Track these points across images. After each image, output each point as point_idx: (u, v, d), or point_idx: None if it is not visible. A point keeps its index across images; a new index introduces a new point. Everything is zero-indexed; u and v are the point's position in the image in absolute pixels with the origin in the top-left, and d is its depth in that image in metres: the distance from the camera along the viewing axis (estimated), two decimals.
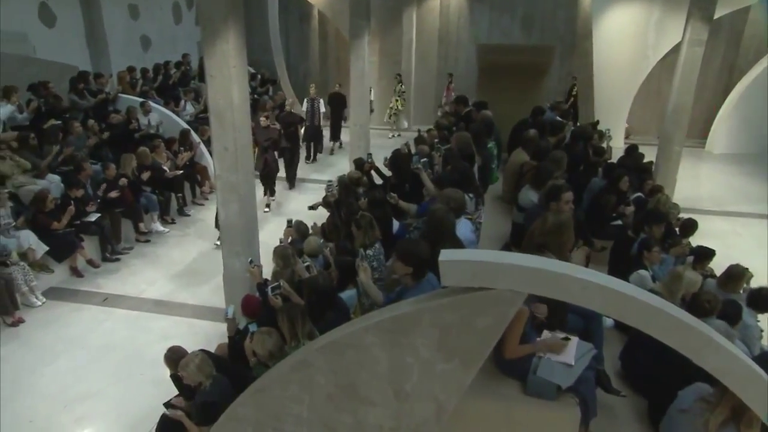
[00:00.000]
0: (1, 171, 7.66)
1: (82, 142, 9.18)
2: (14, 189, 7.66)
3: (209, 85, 5.65)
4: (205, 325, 6.73)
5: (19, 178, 7.88)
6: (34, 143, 8.42)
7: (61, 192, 8.04)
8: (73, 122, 9.26)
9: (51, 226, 7.36)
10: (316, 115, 13.11)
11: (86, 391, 5.58)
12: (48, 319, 6.80)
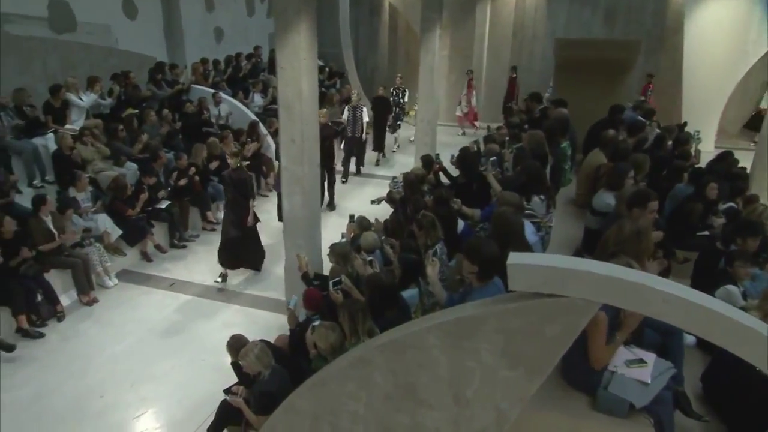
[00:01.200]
0: (84, 156, 8.16)
1: (155, 131, 9.66)
2: (94, 174, 8.16)
3: (279, 76, 5.79)
4: (265, 315, 6.93)
5: (99, 164, 8.39)
6: (122, 134, 8.95)
7: (135, 179, 8.49)
8: (149, 111, 9.76)
9: (126, 212, 7.79)
10: (358, 125, 11.72)
11: (151, 373, 5.89)
12: (119, 300, 7.21)
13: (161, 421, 5.26)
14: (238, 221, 7.29)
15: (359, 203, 9.69)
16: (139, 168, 8.72)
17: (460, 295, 3.67)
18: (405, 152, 13.93)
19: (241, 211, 7.32)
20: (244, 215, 7.32)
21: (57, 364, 5.98)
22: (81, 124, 8.83)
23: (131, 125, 9.28)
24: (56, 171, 8.07)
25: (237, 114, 11.41)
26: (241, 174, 7.36)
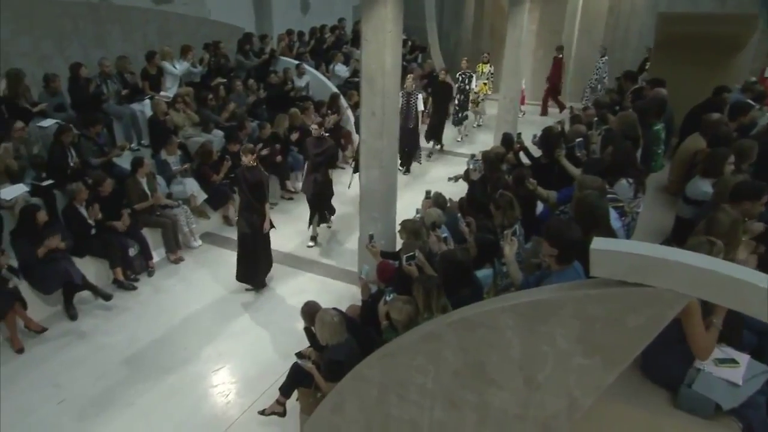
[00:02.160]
0: (176, 122, 8.58)
1: (242, 100, 9.97)
2: (184, 140, 8.56)
3: (363, 49, 5.79)
4: (338, 285, 7.08)
5: (189, 130, 8.79)
6: (212, 103, 9.32)
7: (221, 146, 8.83)
8: (236, 81, 10.08)
9: (211, 178, 8.14)
10: (411, 114, 10.28)
11: (230, 331, 6.22)
12: (203, 260, 7.60)
13: (236, 377, 5.53)
14: (253, 228, 6.52)
15: (437, 180, 9.62)
16: (224, 135, 9.07)
17: (536, 278, 3.58)
18: (485, 131, 13.64)
19: (256, 217, 6.51)
20: (260, 222, 6.53)
21: (147, 314, 6.44)
22: (174, 92, 9.27)
23: (220, 94, 9.63)
24: (151, 135, 8.52)
25: (318, 86, 11.57)
26: (257, 174, 6.44)
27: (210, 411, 5.13)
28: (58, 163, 6.99)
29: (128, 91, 8.87)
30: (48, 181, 6.80)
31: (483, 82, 13.56)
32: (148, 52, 9.42)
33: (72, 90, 8.20)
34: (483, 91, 13.65)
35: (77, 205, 6.52)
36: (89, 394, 5.27)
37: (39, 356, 5.75)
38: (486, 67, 13.70)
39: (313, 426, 4.30)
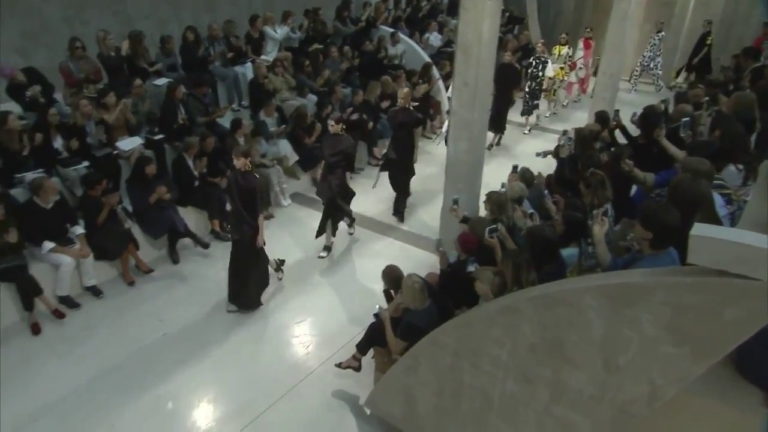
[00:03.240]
0: (274, 85, 8.80)
1: (336, 67, 10.04)
2: (280, 102, 8.76)
3: (461, 17, 5.61)
4: (417, 252, 7.09)
5: (285, 93, 8.99)
6: (308, 68, 9.46)
7: (314, 110, 8.97)
8: (331, 47, 10.15)
9: (303, 140, 8.32)
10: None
11: (312, 286, 6.43)
12: (291, 219, 7.85)
13: (316, 331, 5.72)
14: (244, 241, 5.61)
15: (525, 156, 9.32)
16: (317, 100, 9.20)
17: (625, 261, 3.40)
18: (580, 107, 12.96)
19: (247, 229, 5.54)
20: (252, 234, 5.58)
21: None
22: (274, 56, 9.48)
23: (316, 60, 9.74)
24: (251, 97, 8.79)
25: (411, 55, 11.42)
26: (251, 180, 5.50)
27: (291, 358, 5.36)
28: (169, 119, 7.40)
29: (233, 54, 9.17)
30: (159, 136, 7.24)
31: (560, 66, 11.78)
32: (252, 17, 9.68)
33: (184, 51, 8.60)
34: (559, 76, 11.88)
35: (186, 158, 6.89)
36: (188, 331, 5.65)
37: (146, 293, 6.22)
38: (563, 49, 11.76)
39: (385, 384, 4.40)
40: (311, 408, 4.78)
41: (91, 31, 8.15)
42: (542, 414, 3.36)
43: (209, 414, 4.74)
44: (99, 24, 8.62)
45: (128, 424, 4.62)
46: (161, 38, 8.51)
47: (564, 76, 12.04)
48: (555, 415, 3.30)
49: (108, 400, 4.82)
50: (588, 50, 12.69)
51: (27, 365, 5.22)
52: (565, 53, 11.80)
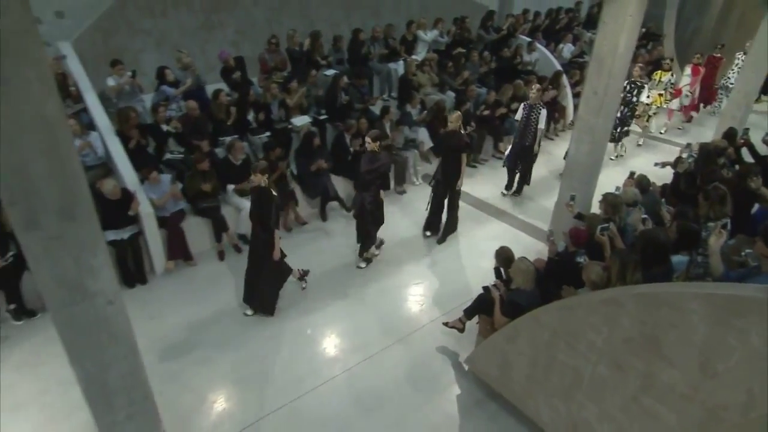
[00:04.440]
0: (420, 81, 8.87)
1: (475, 69, 9.86)
2: (423, 96, 8.82)
3: (600, 30, 5.23)
4: (526, 238, 6.86)
5: (429, 89, 9.02)
6: (450, 69, 9.39)
7: (452, 105, 8.92)
8: (473, 52, 9.96)
9: (439, 129, 8.32)
10: (529, 131, 7.34)
11: (431, 256, 6.49)
12: (420, 196, 7.89)
13: (431, 292, 5.80)
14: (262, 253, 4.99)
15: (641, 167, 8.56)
16: (455, 97, 9.13)
17: (739, 275, 3.05)
18: (703, 123, 11.51)
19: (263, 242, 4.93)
20: (268, 249, 4.94)
21: None
22: (423, 56, 9.53)
23: (458, 62, 9.64)
24: (399, 90, 8.96)
25: (544, 62, 10.86)
26: (264, 196, 4.75)
27: (407, 313, 5.50)
28: (332, 103, 7.79)
29: (388, 53, 9.37)
30: (324, 116, 7.66)
31: (659, 92, 9.83)
32: (408, 22, 9.78)
33: (350, 49, 8.95)
34: (657, 102, 9.92)
35: (346, 136, 7.22)
36: (328, 277, 5.98)
37: (299, 241, 6.66)
38: (665, 75, 9.79)
39: (486, 347, 4.38)
40: (417, 355, 4.91)
41: (284, 30, 8.77)
42: (629, 400, 3.16)
43: (336, 345, 5.05)
44: (290, 24, 9.24)
45: (277, 336, 5.08)
46: (334, 37, 8.92)
47: (663, 103, 10.05)
48: (642, 404, 3.08)
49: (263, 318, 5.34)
50: (695, 77, 10.64)
51: (215, 281, 5.91)
52: (667, 80, 9.84)
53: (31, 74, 2.24)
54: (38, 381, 4.54)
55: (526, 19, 11.76)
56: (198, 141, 6.44)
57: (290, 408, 4.32)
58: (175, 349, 4.89)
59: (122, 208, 5.44)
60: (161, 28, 8.84)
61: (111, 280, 2.81)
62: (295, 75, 7.90)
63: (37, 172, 2.37)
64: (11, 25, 2.11)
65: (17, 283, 5.16)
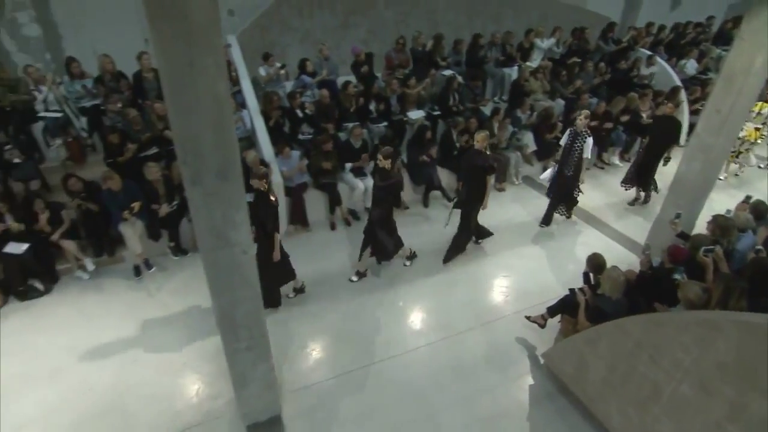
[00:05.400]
0: (531, 88, 8.46)
1: (588, 79, 9.16)
2: (533, 102, 8.38)
3: (735, 47, 4.57)
4: (619, 249, 6.32)
5: (539, 95, 8.57)
6: (563, 78, 8.83)
7: (560, 113, 8.41)
8: (588, 62, 9.24)
9: (544, 134, 7.91)
10: (570, 159, 6.10)
11: (523, 251, 6.22)
12: (517, 195, 7.65)
13: (517, 286, 5.60)
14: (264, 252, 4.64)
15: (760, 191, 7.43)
16: (565, 104, 8.58)
17: None
18: None
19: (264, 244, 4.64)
20: (269, 250, 4.65)
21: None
22: (537, 63, 9.06)
23: (572, 71, 9.02)
24: (510, 94, 8.62)
25: (663, 76, 9.74)
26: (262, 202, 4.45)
27: (492, 301, 5.38)
28: (445, 101, 7.73)
29: (504, 58, 9.03)
30: (436, 112, 7.64)
31: (756, 126, 8.03)
32: (527, 30, 9.32)
33: (469, 52, 8.77)
34: (752, 137, 8.08)
35: (453, 131, 7.16)
36: (422, 259, 6.00)
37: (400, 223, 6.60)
38: (766, 107, 8.05)
39: (565, 345, 4.16)
40: (497, 342, 4.80)
41: (410, 31, 8.84)
42: (713, 425, 2.83)
43: (423, 320, 5.10)
44: (417, 27, 9.29)
45: (372, 303, 5.25)
46: (455, 41, 8.79)
47: (759, 137, 8.12)
48: (727, 430, 2.74)
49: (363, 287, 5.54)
50: None
51: (326, 247, 6.24)
52: (767, 112, 8.07)
53: (210, 60, 2.49)
54: (185, 306, 5.17)
55: (649, 32, 10.63)
56: (325, 124, 6.79)
57: (375, 367, 4.47)
58: (285, 300, 5.26)
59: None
60: (307, 26, 9.36)
61: (247, 234, 3.07)
62: (415, 73, 7.95)
63: (205, 139, 2.63)
64: (201, 19, 2.36)
65: (177, 226, 5.89)
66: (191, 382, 4.31)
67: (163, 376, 4.36)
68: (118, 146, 5.87)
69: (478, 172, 5.32)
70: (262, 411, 3.92)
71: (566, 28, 9.58)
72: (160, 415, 4.00)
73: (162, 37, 2.33)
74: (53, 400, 4.12)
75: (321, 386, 4.27)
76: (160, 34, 2.33)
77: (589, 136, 5.99)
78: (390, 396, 4.19)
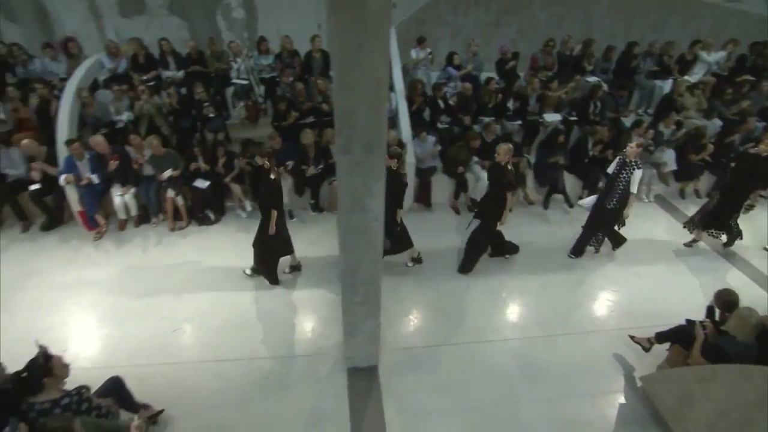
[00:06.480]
0: (684, 104, 7.39)
1: (761, 101, 7.67)
2: (682, 119, 7.31)
3: None
4: (758, 290, 5.35)
5: (692, 113, 7.45)
6: (728, 97, 7.54)
7: (715, 133, 7.22)
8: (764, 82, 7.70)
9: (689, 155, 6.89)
10: (615, 190, 5.09)
11: (634, 269, 5.60)
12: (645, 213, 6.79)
13: (625, 303, 5.07)
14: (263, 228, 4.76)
15: None
16: (722, 126, 7.31)
17: None
18: None
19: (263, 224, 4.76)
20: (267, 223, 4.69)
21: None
22: (698, 78, 7.84)
23: (740, 90, 7.63)
24: (658, 108, 7.62)
25: None
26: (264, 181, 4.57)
27: (595, 312, 4.96)
28: (584, 108, 7.11)
29: (659, 70, 7.97)
30: (574, 117, 7.10)
31: None
32: (693, 41, 8.06)
33: (620, 60, 7.93)
34: None
35: (589, 139, 6.61)
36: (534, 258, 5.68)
37: (520, 219, 6.38)
38: None
39: (670, 375, 3.71)
40: (594, 353, 4.44)
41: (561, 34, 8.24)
42: None
43: (523, 314, 4.91)
44: (569, 31, 8.65)
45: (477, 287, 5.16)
46: (607, 47, 7.99)
47: None
48: None
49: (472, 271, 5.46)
50: None
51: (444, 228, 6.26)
52: None
53: (377, 45, 2.60)
54: (316, 256, 5.59)
55: None
56: (463, 116, 6.75)
57: (468, 347, 4.46)
58: (398, 269, 5.45)
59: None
60: (460, 22, 9.28)
61: (380, 203, 3.19)
62: (559, 76, 7.44)
63: (360, 114, 2.78)
64: (376, 7, 2.49)
65: (319, 187, 6.44)
66: (309, 320, 4.77)
67: (289, 309, 4.89)
68: (284, 113, 6.57)
69: (498, 187, 4.86)
70: (363, 359, 4.16)
71: (744, 41, 8.07)
72: (281, 338, 4.52)
73: (339, 20, 2.48)
74: (206, 306, 4.89)
75: (416, 351, 4.41)
76: (338, 18, 2.47)
77: (638, 167, 4.95)
78: (477, 376, 4.17)
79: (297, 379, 4.11)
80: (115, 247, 5.85)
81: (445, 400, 3.95)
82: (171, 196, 5.98)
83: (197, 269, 5.38)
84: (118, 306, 4.87)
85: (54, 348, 3.06)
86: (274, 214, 4.61)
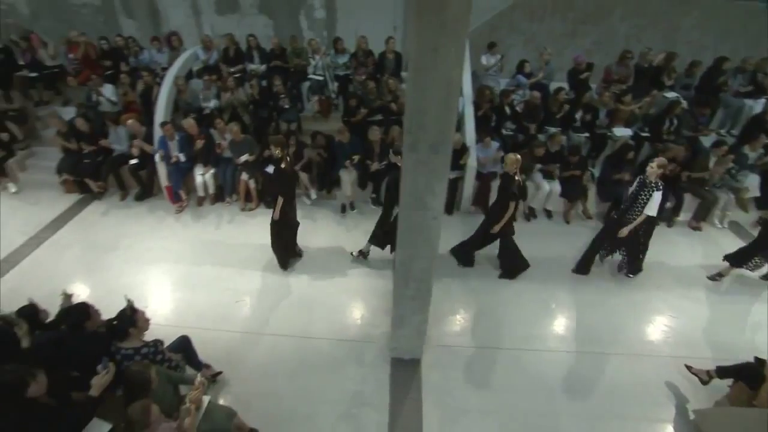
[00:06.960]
0: None
1: None
2: None
3: None
4: None
5: None
6: None
7: None
8: None
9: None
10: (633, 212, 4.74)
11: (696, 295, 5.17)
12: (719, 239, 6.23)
13: (683, 332, 4.68)
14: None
15: None
16: None
17: None
18: None
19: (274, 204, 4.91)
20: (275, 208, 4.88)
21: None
22: None
23: None
24: (744, 129, 6.91)
25: None
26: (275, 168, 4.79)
27: (649, 335, 4.63)
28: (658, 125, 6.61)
29: (751, 88, 7.23)
30: (645, 134, 6.64)
31: None
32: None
33: (705, 76, 7.29)
34: None
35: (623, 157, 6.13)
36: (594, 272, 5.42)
37: (571, 230, 6.17)
38: None
39: (729, 413, 3.41)
40: (644, 378, 4.16)
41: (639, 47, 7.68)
42: None
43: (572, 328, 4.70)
44: (648, 43, 8.01)
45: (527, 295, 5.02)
46: (691, 62, 7.37)
47: None
48: None
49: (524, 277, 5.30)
50: None
51: None
52: None
53: (453, 48, 2.61)
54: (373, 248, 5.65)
55: None
56: (528, 124, 6.55)
57: (512, 353, 4.36)
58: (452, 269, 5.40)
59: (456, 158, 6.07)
60: (534, 30, 8.95)
61: (441, 203, 3.18)
62: (633, 89, 6.98)
63: (430, 115, 2.79)
64: (457, 12, 2.51)
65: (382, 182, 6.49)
66: (360, 308, 4.87)
67: (343, 295, 5.03)
68: (354, 109, 6.73)
69: (504, 196, 4.88)
70: (407, 351, 4.19)
71: None
72: (332, 322, 4.66)
73: (420, 23, 2.51)
74: (266, 283, 5.14)
75: (460, 350, 4.38)
76: (419, 21, 2.50)
77: (657, 189, 4.54)
78: (519, 383, 4.07)
79: (343, 361, 4.23)
80: (192, 220, 6.32)
81: (484, 401, 3.90)
82: (245, 179, 6.35)
83: (262, 248, 5.64)
84: (190, 273, 5.26)
85: (137, 304, 3.38)
86: (280, 200, 4.80)
